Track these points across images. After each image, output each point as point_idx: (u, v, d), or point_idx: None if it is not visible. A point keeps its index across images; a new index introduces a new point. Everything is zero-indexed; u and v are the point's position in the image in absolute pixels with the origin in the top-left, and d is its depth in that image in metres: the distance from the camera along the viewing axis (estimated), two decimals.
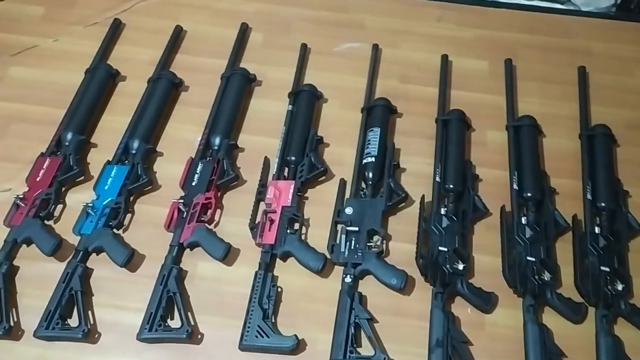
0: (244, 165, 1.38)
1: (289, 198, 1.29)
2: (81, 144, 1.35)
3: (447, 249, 1.22)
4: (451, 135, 1.39)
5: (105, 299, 1.19)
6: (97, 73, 1.47)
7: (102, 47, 1.54)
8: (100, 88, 1.45)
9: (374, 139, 1.36)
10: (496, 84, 1.52)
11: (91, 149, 1.39)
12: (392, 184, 1.30)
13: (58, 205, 1.29)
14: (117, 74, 1.51)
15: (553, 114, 1.47)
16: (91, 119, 1.41)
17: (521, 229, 1.26)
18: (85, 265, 1.19)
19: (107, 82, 1.47)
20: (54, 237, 1.21)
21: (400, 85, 1.53)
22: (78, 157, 1.33)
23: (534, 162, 1.35)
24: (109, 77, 1.48)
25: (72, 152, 1.32)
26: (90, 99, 1.42)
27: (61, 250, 1.21)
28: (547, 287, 1.19)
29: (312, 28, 1.64)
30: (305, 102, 1.44)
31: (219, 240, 1.22)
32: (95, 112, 1.42)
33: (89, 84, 1.44)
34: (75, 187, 1.33)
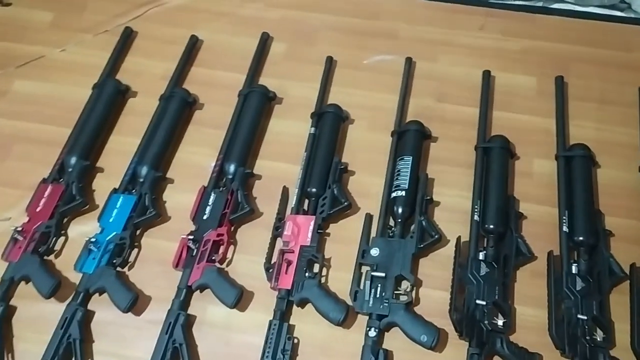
0: (261, 195, 1.26)
1: (308, 236, 1.16)
2: (85, 170, 1.25)
3: (486, 302, 1.08)
4: (493, 167, 1.23)
5: (107, 346, 1.10)
6: (104, 89, 1.36)
7: (111, 59, 1.43)
8: (107, 106, 1.34)
9: (404, 170, 1.22)
10: (545, 104, 1.35)
11: (97, 174, 1.29)
12: (425, 222, 1.17)
13: (60, 238, 1.20)
14: (127, 90, 1.40)
15: (610, 141, 1.30)
16: (97, 142, 1.30)
17: (571, 280, 1.11)
18: (85, 308, 1.10)
19: (115, 100, 1.36)
20: (53, 277, 1.11)
21: (436, 104, 1.38)
22: (81, 185, 1.23)
23: (587, 200, 1.19)
24: (117, 93, 1.37)
25: (75, 180, 1.22)
26: (96, 119, 1.31)
27: (62, 289, 1.13)
28: (600, 350, 1.04)
29: (340, 38, 1.49)
30: (329, 126, 1.30)
31: (230, 285, 1.11)
32: (102, 134, 1.32)
33: (96, 102, 1.34)
34: (79, 218, 1.23)
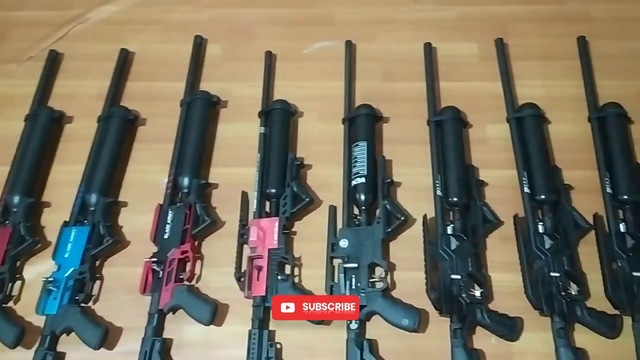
0: (220, 204, 1.23)
1: (274, 239, 1.14)
2: (31, 208, 1.19)
3: (461, 276, 1.08)
4: (447, 139, 1.23)
5: None
6: (38, 119, 1.29)
7: (40, 86, 1.35)
8: (43, 137, 1.27)
9: (361, 156, 1.20)
10: (490, 68, 1.35)
11: (44, 209, 1.23)
12: (389, 205, 1.15)
13: (16, 282, 1.14)
14: (62, 117, 1.33)
15: (557, 96, 1.32)
16: (38, 176, 1.24)
17: (539, 240, 1.12)
18: (55, 351, 1.05)
19: (50, 129, 1.30)
20: (15, 325, 1.06)
21: (383, 84, 1.36)
22: (29, 224, 1.17)
23: (543, 158, 1.20)
24: (52, 122, 1.30)
25: (21, 220, 1.16)
26: (34, 152, 1.24)
27: (27, 335, 1.07)
28: (576, 304, 1.06)
29: (276, 30, 1.45)
30: (278, 123, 1.27)
31: (203, 302, 1.08)
32: (42, 166, 1.25)
33: (31, 134, 1.27)
34: (32, 258, 1.17)
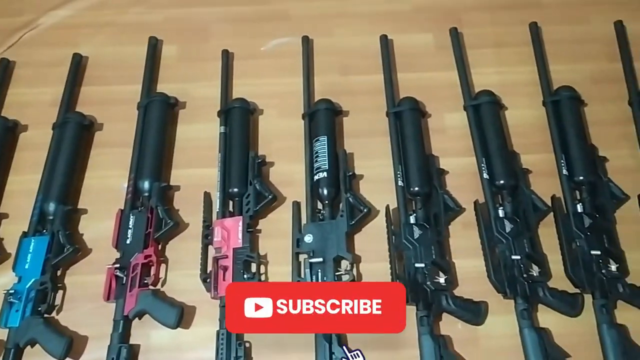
0: (183, 206, 1.22)
1: (239, 238, 1.13)
2: None
3: (425, 264, 1.10)
4: (406, 130, 1.24)
5: None
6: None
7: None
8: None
9: (322, 150, 1.20)
10: (445, 58, 1.37)
11: (2, 221, 1.20)
12: (352, 198, 1.16)
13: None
14: (16, 126, 1.30)
15: (512, 82, 1.34)
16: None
17: (500, 224, 1.14)
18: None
19: (4, 138, 1.27)
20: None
21: (342, 78, 1.36)
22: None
23: (501, 144, 1.22)
24: (5, 131, 1.27)
25: None
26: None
27: None
28: (538, 285, 1.08)
29: (232, 28, 1.44)
30: (238, 121, 1.26)
31: (168, 305, 1.07)
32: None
33: None
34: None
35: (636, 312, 1.08)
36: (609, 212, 1.15)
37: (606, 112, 1.29)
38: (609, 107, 1.30)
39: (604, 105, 1.30)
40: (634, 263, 1.13)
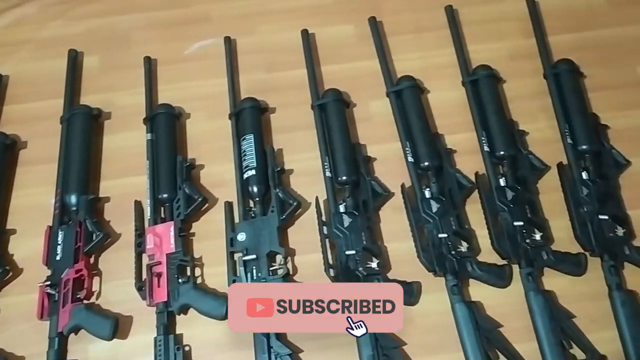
0: (115, 216, 1.21)
1: (171, 243, 1.14)
2: None
3: (356, 251, 1.12)
4: (331, 121, 1.25)
5: None
6: None
7: None
8: None
9: (249, 149, 1.21)
10: (367, 47, 1.38)
11: None
12: (281, 193, 1.17)
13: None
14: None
15: (432, 66, 1.36)
16: None
17: (427, 205, 1.17)
18: None
19: None
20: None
21: (267, 75, 1.37)
22: None
23: (423, 127, 1.24)
24: None
25: None
26: None
27: None
28: (467, 260, 1.12)
29: (154, 35, 1.43)
30: (164, 127, 1.26)
31: (102, 317, 1.07)
32: None
33: None
34: None
35: (562, 277, 1.13)
36: (531, 183, 1.19)
37: (524, 87, 1.33)
38: (527, 82, 1.33)
39: (521, 81, 1.34)
40: (558, 230, 1.17)
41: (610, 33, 1.40)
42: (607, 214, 1.14)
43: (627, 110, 1.30)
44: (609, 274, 1.09)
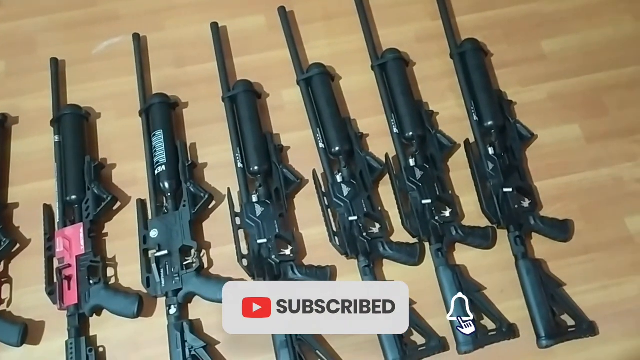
0: (24, 222, 1.20)
1: (81, 245, 1.12)
2: None
3: (268, 239, 1.12)
4: (242, 112, 1.25)
5: None
6: None
7: None
8: None
9: (159, 144, 1.21)
10: (279, 37, 1.38)
11: None
12: (192, 187, 1.17)
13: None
14: None
15: (343, 52, 1.37)
16: None
17: (338, 189, 1.18)
18: None
19: None
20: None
21: (177, 70, 1.36)
22: None
23: (333, 113, 1.25)
24: None
25: None
26: None
27: None
28: (378, 240, 1.13)
29: (61, 36, 1.40)
30: (71, 128, 1.24)
31: (9, 325, 1.06)
32: None
33: None
34: None
35: (473, 251, 1.15)
36: (439, 162, 1.21)
37: (432, 67, 1.36)
38: (434, 63, 1.36)
39: (429, 62, 1.36)
40: (468, 205, 1.20)
41: (515, 10, 1.43)
42: (512, 187, 1.17)
43: (533, 85, 1.33)
44: (514, 245, 1.13)
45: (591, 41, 1.39)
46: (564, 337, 1.06)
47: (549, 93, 1.32)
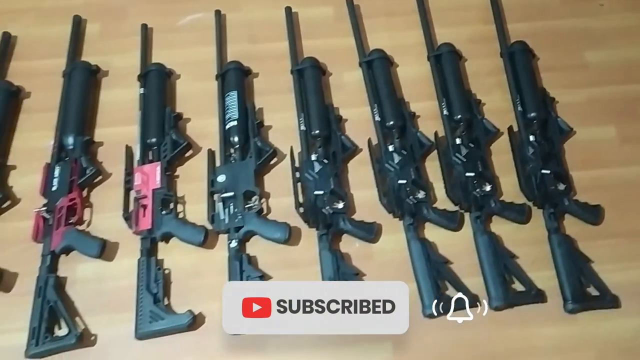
0: (106, 159, 1.33)
1: (157, 180, 1.25)
2: None
3: (324, 192, 1.24)
4: (308, 83, 1.39)
5: None
6: None
7: None
8: None
9: (232, 103, 1.35)
10: (343, 26, 1.53)
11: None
12: (259, 142, 1.30)
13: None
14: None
15: (401, 45, 1.51)
16: None
17: (389, 157, 1.29)
18: None
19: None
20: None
21: (251, 46, 1.51)
22: None
23: (390, 92, 1.38)
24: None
25: None
26: None
27: None
28: (423, 204, 1.24)
29: (150, 8, 1.57)
30: (155, 82, 1.39)
31: (92, 239, 1.18)
32: None
33: None
34: None
35: (508, 225, 1.25)
36: (483, 144, 1.32)
37: (481, 65, 1.48)
38: (484, 62, 1.48)
39: (479, 60, 1.49)
40: (506, 185, 1.30)
41: (562, 23, 1.56)
42: (550, 170, 1.28)
43: (573, 88, 1.44)
44: (548, 220, 1.23)
45: (631, 57, 1.51)
46: (589, 305, 1.14)
47: (588, 97, 1.44)
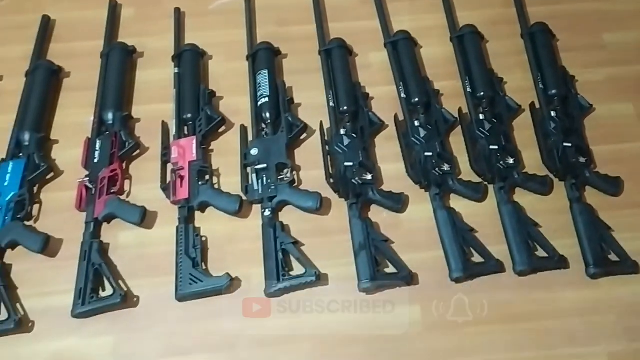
0: (144, 134, 1.39)
1: (193, 153, 1.31)
2: None
3: (353, 164, 1.29)
4: (336, 63, 1.45)
5: (32, 289, 1.18)
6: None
7: None
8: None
9: (263, 81, 1.40)
10: (368, 9, 1.59)
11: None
12: (290, 117, 1.36)
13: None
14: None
15: (424, 27, 1.56)
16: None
17: (415, 131, 1.34)
18: (1, 262, 1.18)
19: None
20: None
21: (280, 28, 1.57)
22: None
23: (415, 70, 1.44)
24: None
25: None
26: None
27: None
28: (448, 176, 1.29)
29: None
30: (189, 61, 1.45)
31: (133, 207, 1.24)
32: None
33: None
34: None
35: (531, 196, 1.29)
36: (506, 119, 1.37)
37: (503, 46, 1.53)
38: (505, 43, 1.53)
39: (501, 42, 1.53)
40: (528, 159, 1.34)
41: (580, 6, 1.60)
42: (571, 143, 1.32)
43: (592, 68, 1.49)
44: (570, 191, 1.27)
45: None
46: (610, 270, 1.18)
47: (606, 76, 1.48)
